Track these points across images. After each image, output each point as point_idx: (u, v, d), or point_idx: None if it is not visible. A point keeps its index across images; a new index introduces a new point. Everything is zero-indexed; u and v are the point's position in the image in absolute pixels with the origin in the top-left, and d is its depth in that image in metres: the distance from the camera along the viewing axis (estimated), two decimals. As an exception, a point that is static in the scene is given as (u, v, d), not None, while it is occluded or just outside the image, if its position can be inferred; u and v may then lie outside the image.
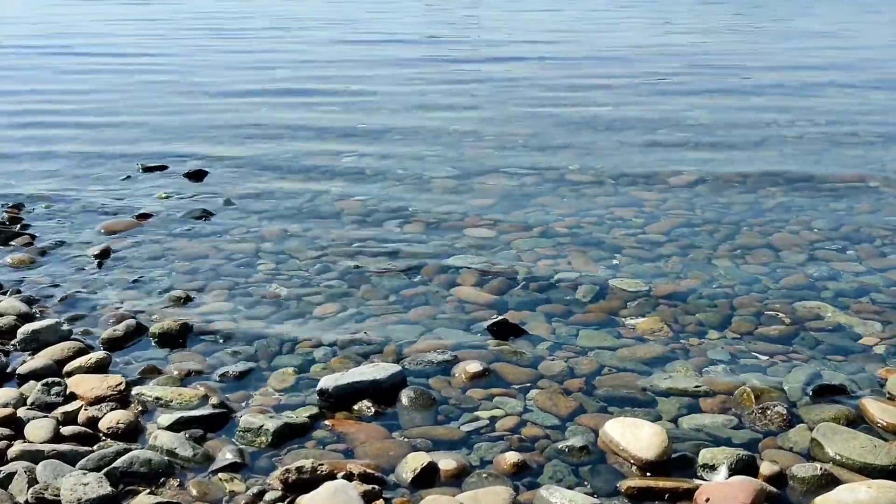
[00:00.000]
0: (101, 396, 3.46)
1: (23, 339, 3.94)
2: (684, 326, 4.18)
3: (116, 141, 8.01)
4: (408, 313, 4.33)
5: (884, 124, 8.89)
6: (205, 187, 6.51)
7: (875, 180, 6.70)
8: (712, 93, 10.58)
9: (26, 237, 5.34)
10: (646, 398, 3.53)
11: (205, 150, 7.64)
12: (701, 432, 3.29)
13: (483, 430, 3.30)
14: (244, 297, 4.50)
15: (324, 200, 6.18)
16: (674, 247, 5.22)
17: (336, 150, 7.61)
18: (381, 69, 12.48)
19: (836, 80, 11.81)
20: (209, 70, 12.47)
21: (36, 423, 3.28)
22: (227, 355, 3.88)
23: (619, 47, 14.86)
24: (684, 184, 6.57)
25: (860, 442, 3.10)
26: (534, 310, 4.36)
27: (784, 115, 9.29)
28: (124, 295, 4.52)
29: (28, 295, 4.48)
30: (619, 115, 9.21)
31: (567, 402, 3.49)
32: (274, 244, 5.28)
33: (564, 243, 5.26)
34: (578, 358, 3.85)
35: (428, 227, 5.56)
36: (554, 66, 12.74)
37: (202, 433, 3.26)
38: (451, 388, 3.60)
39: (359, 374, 3.57)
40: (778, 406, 3.38)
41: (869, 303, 4.43)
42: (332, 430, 3.30)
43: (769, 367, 3.77)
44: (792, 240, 5.35)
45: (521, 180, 6.67)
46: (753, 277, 4.75)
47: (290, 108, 9.72)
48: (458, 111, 9.44)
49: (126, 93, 10.56)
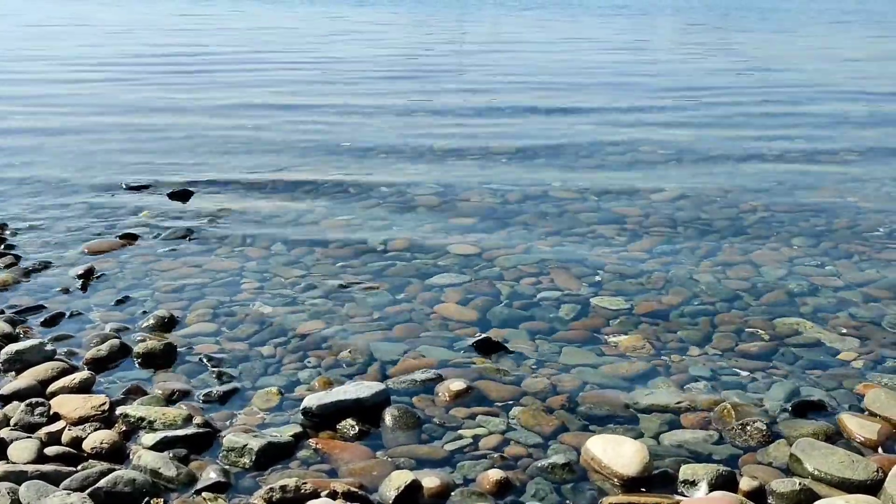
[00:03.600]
0: (84, 417, 3.46)
1: (6, 360, 3.93)
2: (666, 343, 4.22)
3: (101, 160, 8.01)
4: (392, 331, 4.35)
5: (862, 140, 9.01)
6: (189, 207, 6.52)
7: (853, 196, 6.79)
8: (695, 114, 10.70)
9: (10, 257, 5.32)
10: (628, 415, 3.56)
11: (189, 169, 7.65)
12: (682, 448, 3.32)
13: (466, 448, 3.32)
14: (228, 317, 4.51)
15: (308, 219, 6.20)
16: (655, 263, 5.27)
17: (320, 169, 7.64)
18: (365, 87, 12.54)
19: (816, 98, 11.97)
20: (191, 88, 12.49)
21: (19, 443, 3.28)
22: (211, 375, 3.89)
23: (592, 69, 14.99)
24: (666, 200, 6.63)
25: (838, 457, 3.14)
26: (517, 327, 4.39)
27: (765, 131, 9.41)
28: (108, 315, 4.52)
29: (12, 315, 4.47)
30: (600, 135, 9.31)
31: (550, 419, 3.52)
32: (258, 263, 5.30)
33: (547, 261, 5.29)
34: (561, 375, 3.88)
35: (412, 245, 5.59)
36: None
37: (186, 453, 3.26)
38: (435, 406, 3.62)
39: (343, 392, 3.58)
40: (758, 422, 3.42)
41: (848, 318, 4.49)
42: (316, 449, 3.31)
43: (749, 384, 3.81)
44: (772, 255, 5.41)
45: (504, 198, 6.71)
46: (734, 293, 4.80)
47: (273, 126, 9.75)
48: (444, 129, 9.50)
49: (111, 113, 10.56)
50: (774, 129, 9.59)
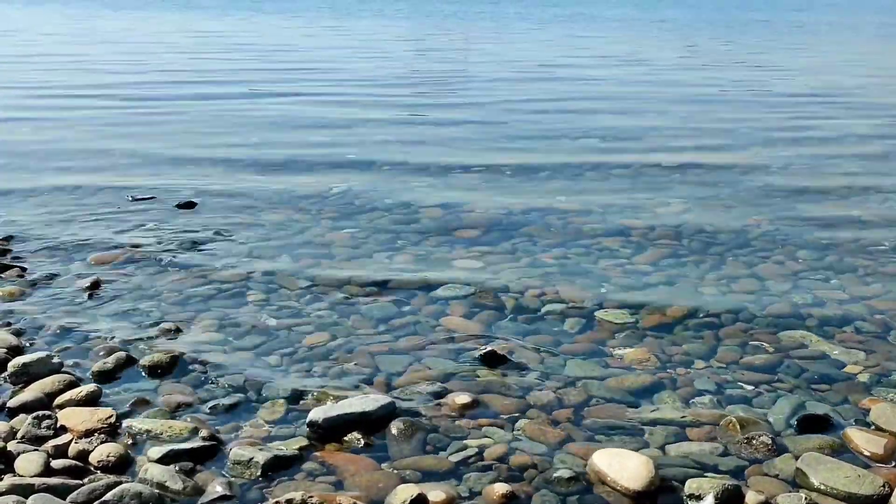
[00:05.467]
0: (91, 429, 3.47)
1: (13, 372, 3.94)
2: (671, 356, 4.22)
3: (106, 172, 8.04)
4: (397, 343, 4.36)
5: (867, 152, 9.02)
6: (195, 218, 6.53)
7: (858, 210, 6.79)
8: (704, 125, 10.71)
9: (16, 269, 5.34)
10: (633, 428, 3.56)
11: (194, 181, 7.68)
12: (688, 460, 3.31)
13: (472, 460, 3.32)
14: (234, 328, 4.52)
15: (313, 231, 6.21)
16: (660, 276, 5.27)
17: (325, 181, 7.66)
18: (371, 99, 12.58)
19: (820, 113, 11.98)
20: (197, 102, 12.55)
21: (26, 456, 3.28)
22: (216, 387, 3.89)
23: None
24: (671, 213, 6.64)
25: (844, 472, 3.14)
26: (522, 339, 4.40)
27: (769, 146, 9.42)
28: (114, 327, 4.53)
29: (18, 327, 4.48)
30: (606, 146, 9.33)
31: (555, 432, 3.52)
32: (263, 275, 5.30)
33: (552, 273, 5.30)
34: (566, 388, 3.88)
35: (416, 258, 5.60)
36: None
37: (192, 466, 3.26)
38: (441, 418, 3.62)
39: (348, 405, 3.59)
40: (763, 436, 3.42)
41: (853, 332, 4.49)
42: (321, 461, 3.31)
43: (755, 397, 3.81)
44: (777, 269, 5.41)
45: (508, 210, 6.72)
46: (739, 307, 4.80)
47: (279, 137, 9.78)
48: (446, 142, 9.52)
49: (116, 124, 10.61)
50: (779, 141, 9.62)
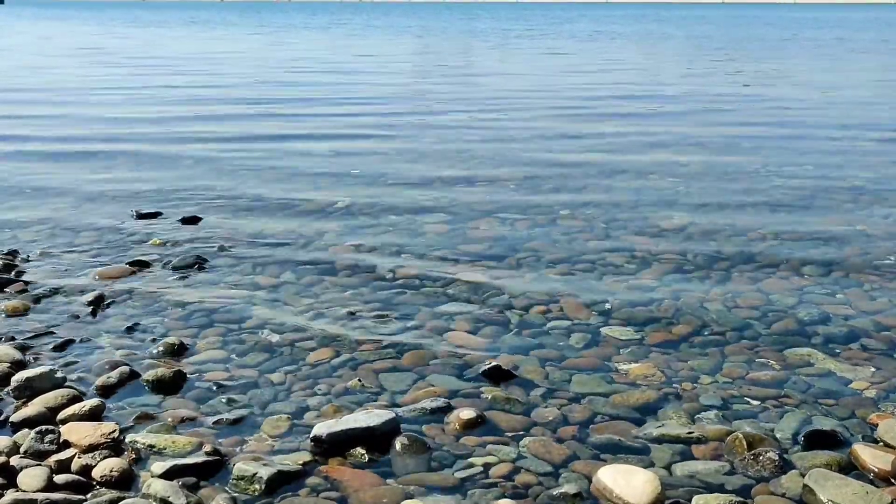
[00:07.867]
0: (94, 444, 3.46)
1: (17, 387, 3.93)
2: (677, 372, 4.20)
3: (111, 186, 8.05)
4: (401, 359, 4.34)
5: (871, 167, 9.01)
6: (199, 233, 6.54)
7: (863, 224, 6.77)
8: (704, 141, 10.72)
9: (20, 284, 5.34)
10: (639, 445, 3.54)
11: (199, 196, 7.69)
12: (694, 478, 3.29)
13: (477, 476, 3.30)
14: (238, 344, 4.51)
15: (317, 246, 6.21)
16: (666, 291, 5.26)
17: (330, 196, 7.66)
18: (370, 116, 12.61)
19: (825, 126, 11.99)
20: (198, 116, 12.59)
21: (29, 471, 3.27)
22: (220, 402, 3.88)
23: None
24: (675, 228, 6.63)
25: (852, 489, 3.11)
26: (527, 354, 4.38)
27: (774, 159, 9.43)
28: (118, 342, 4.52)
29: (22, 342, 4.48)
30: (611, 160, 9.33)
31: (560, 448, 3.50)
32: (267, 291, 5.30)
33: (557, 289, 5.29)
34: (571, 404, 3.86)
35: (420, 273, 5.59)
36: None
37: (195, 481, 3.25)
38: (445, 434, 3.60)
39: (353, 420, 3.57)
40: (770, 452, 3.39)
41: (859, 347, 4.46)
42: (325, 477, 3.30)
43: (761, 413, 3.79)
44: (782, 284, 5.39)
45: (512, 225, 6.72)
46: (745, 322, 4.78)
47: (283, 153, 9.80)
48: (449, 157, 9.54)
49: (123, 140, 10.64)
50: (784, 155, 9.62)
